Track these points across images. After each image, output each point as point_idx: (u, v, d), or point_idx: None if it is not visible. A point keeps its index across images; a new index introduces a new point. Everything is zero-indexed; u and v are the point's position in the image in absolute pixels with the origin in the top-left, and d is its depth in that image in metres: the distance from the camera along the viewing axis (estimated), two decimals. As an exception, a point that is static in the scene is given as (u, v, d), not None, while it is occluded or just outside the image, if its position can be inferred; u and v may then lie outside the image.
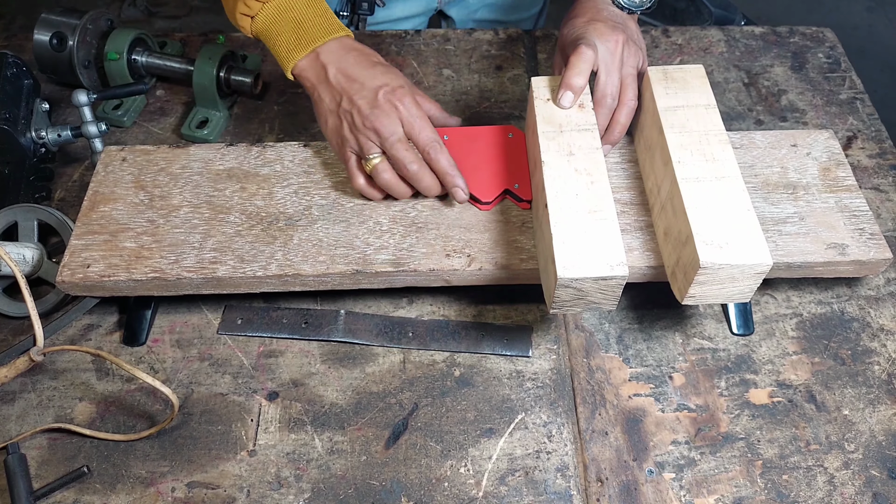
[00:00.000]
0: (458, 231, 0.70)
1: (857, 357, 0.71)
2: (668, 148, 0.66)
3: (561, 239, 0.60)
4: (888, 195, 0.82)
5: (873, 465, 0.64)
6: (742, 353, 0.71)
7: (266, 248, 0.69)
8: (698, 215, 0.61)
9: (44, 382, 0.69)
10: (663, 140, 0.67)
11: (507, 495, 0.63)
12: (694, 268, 0.60)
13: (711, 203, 0.62)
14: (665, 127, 0.68)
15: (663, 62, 0.96)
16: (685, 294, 0.62)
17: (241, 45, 0.98)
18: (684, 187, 0.63)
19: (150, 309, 0.72)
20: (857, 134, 0.88)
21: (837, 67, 0.96)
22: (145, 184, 0.74)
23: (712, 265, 0.59)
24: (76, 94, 0.78)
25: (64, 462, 0.64)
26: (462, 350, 0.71)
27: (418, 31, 0.99)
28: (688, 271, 0.61)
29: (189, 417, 0.67)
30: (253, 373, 0.69)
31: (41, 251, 0.73)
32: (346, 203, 0.73)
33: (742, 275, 0.60)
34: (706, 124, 0.68)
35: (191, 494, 0.62)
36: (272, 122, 0.89)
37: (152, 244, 0.69)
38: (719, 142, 0.67)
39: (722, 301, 0.63)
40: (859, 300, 0.74)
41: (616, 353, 0.71)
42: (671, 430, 0.66)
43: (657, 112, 0.69)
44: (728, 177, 0.64)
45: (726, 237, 0.60)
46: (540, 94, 0.70)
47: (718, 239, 0.60)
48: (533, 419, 0.67)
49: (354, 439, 0.66)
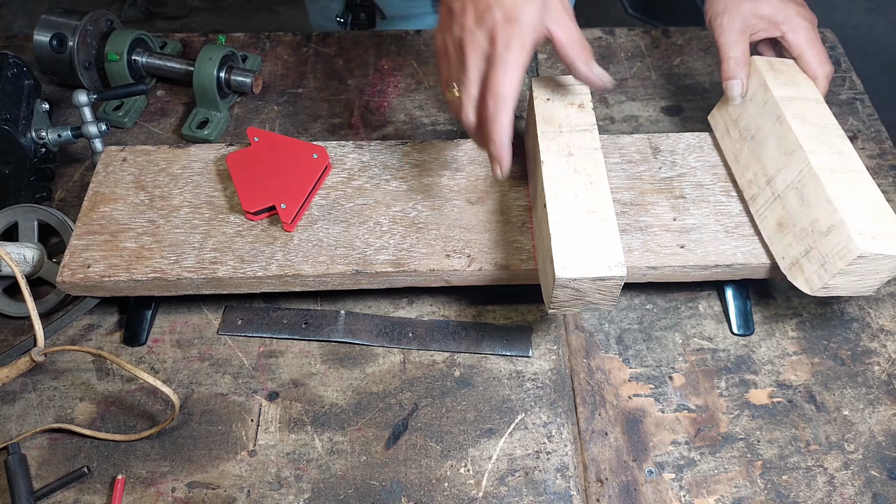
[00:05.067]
0: (458, 231, 0.70)
1: (856, 357, 0.71)
2: (795, 136, 0.66)
3: (559, 239, 0.60)
4: (888, 195, 0.82)
5: (873, 466, 0.64)
6: (742, 353, 0.71)
7: (266, 249, 0.69)
8: (846, 205, 0.61)
9: (44, 382, 0.69)
10: (786, 129, 0.66)
11: (507, 495, 0.63)
12: (843, 257, 0.59)
13: (852, 194, 0.62)
14: (788, 116, 0.67)
15: (663, 62, 0.96)
16: (819, 285, 0.62)
17: (241, 46, 0.98)
18: (823, 176, 0.62)
19: (151, 309, 0.72)
20: (858, 134, 0.88)
21: (837, 68, 0.96)
22: (146, 184, 0.74)
23: (869, 254, 0.58)
24: (76, 94, 0.78)
25: (64, 462, 0.64)
26: (462, 350, 0.71)
27: (418, 31, 0.99)
28: (831, 261, 0.61)
29: (189, 417, 0.67)
30: (253, 373, 0.69)
31: (41, 251, 0.73)
32: (346, 203, 0.73)
33: (886, 267, 0.60)
34: (823, 118, 0.68)
35: (191, 494, 0.62)
36: (272, 122, 0.89)
37: (153, 244, 0.69)
38: (839, 136, 0.67)
39: (849, 294, 0.63)
40: (859, 300, 0.74)
41: (616, 354, 0.71)
42: (671, 431, 0.66)
43: (773, 100, 0.69)
44: (857, 171, 0.64)
45: (875, 228, 0.60)
46: (540, 94, 0.70)
47: (869, 229, 0.59)
48: (533, 419, 0.67)
49: (354, 439, 0.66)
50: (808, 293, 0.63)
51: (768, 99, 0.69)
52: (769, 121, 0.69)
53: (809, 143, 0.65)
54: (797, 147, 0.65)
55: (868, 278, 0.61)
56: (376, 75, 0.94)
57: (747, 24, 0.73)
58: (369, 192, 0.74)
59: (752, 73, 0.73)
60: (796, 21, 0.73)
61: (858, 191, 0.62)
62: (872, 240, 0.59)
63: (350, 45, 0.98)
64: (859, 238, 0.59)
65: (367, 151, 0.77)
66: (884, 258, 0.59)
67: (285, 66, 0.96)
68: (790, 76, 0.72)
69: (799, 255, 0.64)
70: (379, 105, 0.91)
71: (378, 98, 0.92)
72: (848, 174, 0.63)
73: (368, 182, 0.74)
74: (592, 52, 0.62)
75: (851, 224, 0.60)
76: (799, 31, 0.73)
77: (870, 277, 0.61)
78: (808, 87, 0.71)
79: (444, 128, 0.88)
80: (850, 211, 0.60)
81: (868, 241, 0.59)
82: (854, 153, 0.65)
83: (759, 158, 0.69)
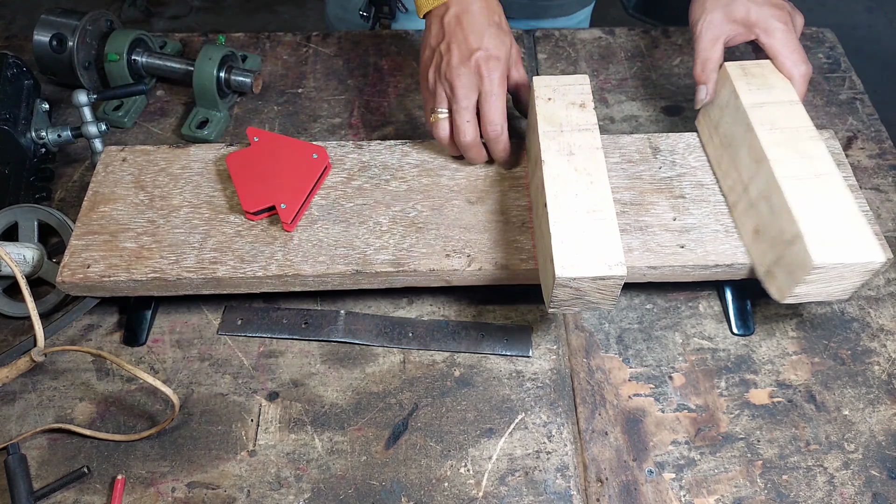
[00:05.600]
0: (458, 231, 0.70)
1: (856, 357, 0.71)
2: (760, 146, 0.65)
3: (560, 238, 0.60)
4: (888, 195, 0.82)
5: (873, 466, 0.64)
6: (742, 353, 0.71)
7: (266, 249, 0.69)
8: (805, 214, 0.60)
9: (44, 383, 0.69)
10: (753, 137, 0.66)
11: (507, 495, 0.63)
12: (804, 268, 0.59)
13: (815, 201, 0.61)
14: (754, 124, 0.67)
15: (663, 62, 0.96)
16: (788, 293, 0.61)
17: (241, 46, 0.98)
18: (785, 186, 0.62)
19: (151, 309, 0.72)
20: (858, 134, 0.88)
21: (837, 67, 0.96)
22: (145, 184, 0.74)
23: (826, 265, 0.58)
24: (76, 94, 0.78)
25: (64, 462, 0.64)
26: (462, 350, 0.71)
27: (418, 31, 0.99)
28: (794, 270, 0.60)
29: (189, 417, 0.67)
30: (253, 373, 0.69)
31: (41, 251, 0.73)
32: (346, 203, 0.73)
33: (852, 273, 0.59)
34: (795, 121, 0.67)
35: (191, 494, 0.62)
36: (272, 123, 0.89)
37: (152, 244, 0.69)
38: (810, 138, 0.66)
39: (823, 299, 0.63)
40: (859, 300, 0.74)
41: (616, 353, 0.71)
42: (671, 431, 0.66)
43: (742, 108, 0.68)
44: (826, 174, 0.63)
45: (836, 235, 0.59)
46: (541, 94, 0.70)
47: (829, 238, 0.59)
48: (533, 419, 0.67)
49: (354, 439, 0.66)
50: (780, 301, 0.63)
51: (738, 106, 0.69)
52: (741, 129, 0.69)
53: (774, 150, 0.65)
54: (763, 156, 0.65)
55: (837, 285, 0.61)
56: (376, 75, 0.94)
57: (722, 31, 0.74)
58: (369, 192, 0.74)
59: (724, 81, 0.72)
60: (770, 23, 0.72)
61: (824, 196, 0.61)
62: (830, 249, 0.58)
63: (350, 45, 0.98)
64: (815, 249, 0.58)
65: (367, 151, 0.77)
66: (843, 266, 0.58)
67: (285, 66, 0.96)
68: (765, 79, 0.71)
69: (771, 263, 0.64)
70: (379, 105, 0.91)
71: (378, 98, 0.92)
72: (814, 179, 0.62)
73: (368, 182, 0.74)
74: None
75: (808, 234, 0.59)
76: (773, 33, 0.72)
77: (838, 284, 0.60)
78: (784, 88, 0.70)
79: (443, 128, 0.88)
80: (810, 220, 0.60)
81: (825, 251, 0.58)
82: (825, 155, 0.64)
83: (737, 166, 0.69)
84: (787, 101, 0.69)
